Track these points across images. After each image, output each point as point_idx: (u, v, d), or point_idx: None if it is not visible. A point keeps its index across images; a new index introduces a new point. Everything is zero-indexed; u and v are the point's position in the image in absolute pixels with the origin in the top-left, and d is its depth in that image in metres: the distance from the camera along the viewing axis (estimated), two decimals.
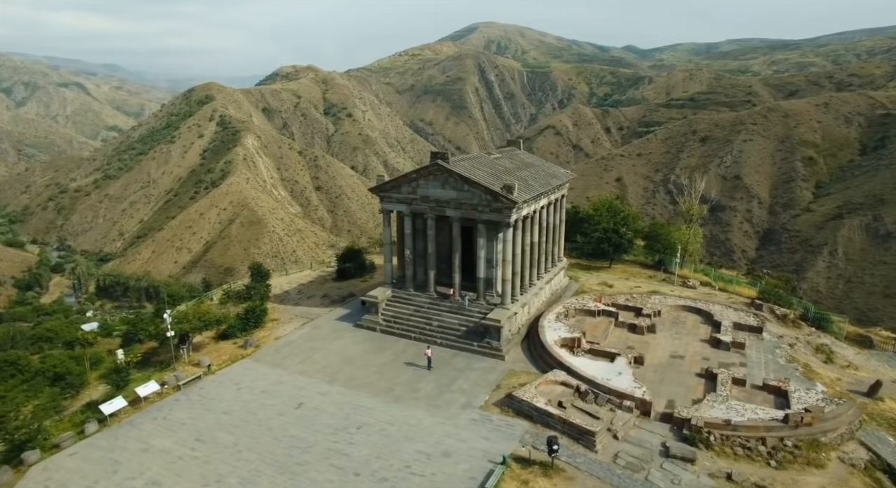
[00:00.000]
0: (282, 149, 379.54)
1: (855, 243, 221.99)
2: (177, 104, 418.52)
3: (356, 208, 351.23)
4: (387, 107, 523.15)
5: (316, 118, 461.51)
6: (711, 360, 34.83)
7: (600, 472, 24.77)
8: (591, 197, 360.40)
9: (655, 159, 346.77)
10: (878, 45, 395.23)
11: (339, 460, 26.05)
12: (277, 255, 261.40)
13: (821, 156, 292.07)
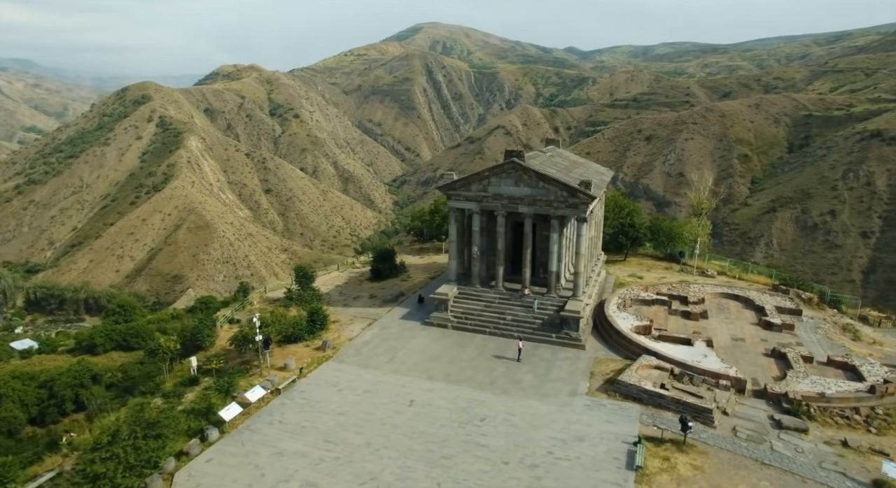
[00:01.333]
0: (228, 152, 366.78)
1: (787, 234, 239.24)
2: (109, 104, 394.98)
3: (308, 211, 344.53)
4: (334, 107, 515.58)
5: (262, 119, 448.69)
6: (769, 341, 37.96)
7: (728, 445, 26.91)
8: None
9: (604, 158, 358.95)
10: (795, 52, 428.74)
11: (480, 451, 26.92)
12: (229, 261, 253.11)
13: (754, 154, 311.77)
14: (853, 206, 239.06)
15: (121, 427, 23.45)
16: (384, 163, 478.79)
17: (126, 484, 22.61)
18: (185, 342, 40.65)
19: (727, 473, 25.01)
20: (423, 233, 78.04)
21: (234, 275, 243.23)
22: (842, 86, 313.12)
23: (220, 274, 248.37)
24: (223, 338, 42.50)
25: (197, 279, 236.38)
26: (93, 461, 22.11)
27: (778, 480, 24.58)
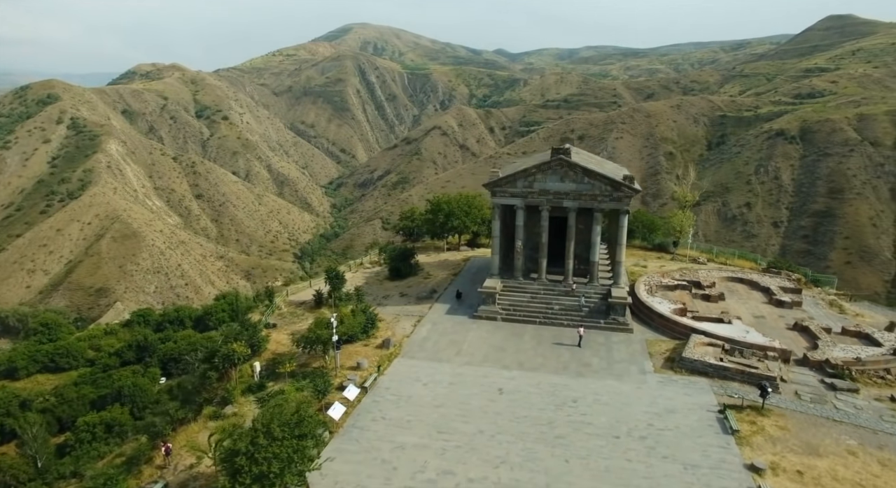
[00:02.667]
0: (153, 156, 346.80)
1: (710, 226, 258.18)
2: (6, 104, 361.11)
3: (243, 216, 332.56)
4: (265, 109, 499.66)
5: (187, 121, 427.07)
6: (786, 317, 42.54)
7: (798, 407, 30.44)
8: (482, 194, 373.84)
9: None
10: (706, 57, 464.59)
11: (588, 429, 28.88)
12: (161, 271, 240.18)
13: (678, 152, 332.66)
14: (765, 199, 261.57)
15: (272, 427, 23.29)
16: (319, 165, 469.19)
17: (292, 482, 22.62)
18: None
19: (810, 431, 28.43)
20: (413, 233, 78.84)
21: (167, 286, 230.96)
22: (749, 89, 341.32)
23: (152, 285, 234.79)
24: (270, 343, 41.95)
25: (125, 291, 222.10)
26: (253, 462, 21.90)
27: (854, 433, 28.28)
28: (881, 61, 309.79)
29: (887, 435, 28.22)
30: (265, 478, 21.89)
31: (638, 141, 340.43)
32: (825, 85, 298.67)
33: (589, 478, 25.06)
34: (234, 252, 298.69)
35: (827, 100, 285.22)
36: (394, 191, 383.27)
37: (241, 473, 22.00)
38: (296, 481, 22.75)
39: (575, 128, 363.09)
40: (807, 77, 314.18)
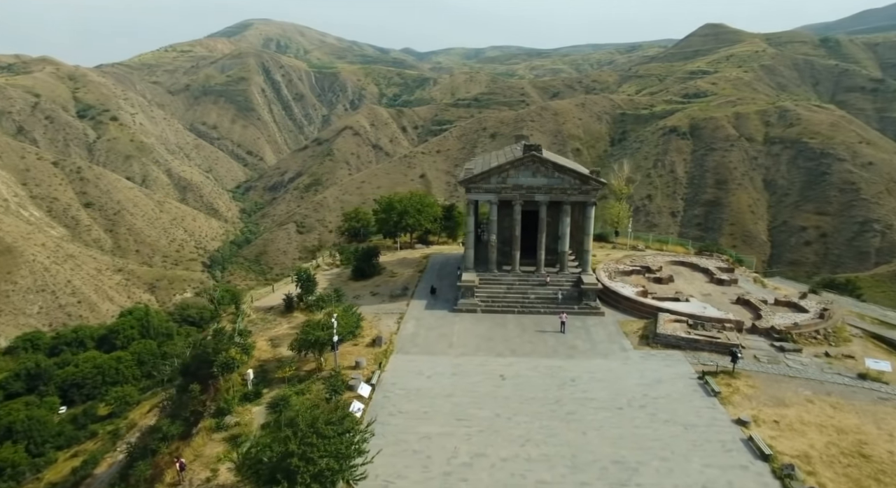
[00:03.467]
0: (26, 160, 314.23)
1: None
2: None
3: (142, 225, 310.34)
4: (159, 109, 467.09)
5: (67, 122, 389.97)
6: (728, 293, 47.99)
7: (760, 368, 34.95)
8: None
9: (453, 155, 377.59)
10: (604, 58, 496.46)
11: (593, 404, 31.44)
12: (46, 289, 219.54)
13: (585, 148, 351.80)
14: (663, 191, 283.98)
15: (317, 425, 23.32)
16: (225, 168, 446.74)
17: (350, 476, 22.93)
18: None
19: (774, 387, 32.84)
20: (359, 233, 78.82)
21: (54, 305, 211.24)
22: (644, 89, 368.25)
23: (35, 305, 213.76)
24: None
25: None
26: (308, 462, 21.90)
27: (807, 385, 33.05)
28: (749, 67, 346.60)
29: (830, 384, 33.29)
30: (322, 476, 22.15)
31: (547, 138, 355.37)
32: (707, 86, 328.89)
33: (608, 446, 27.52)
34: (134, 264, 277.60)
35: (710, 99, 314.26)
36: (307, 193, 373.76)
37: (296, 474, 22.05)
38: (353, 475, 23.16)
39: (487, 127, 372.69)
40: (692, 78, 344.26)
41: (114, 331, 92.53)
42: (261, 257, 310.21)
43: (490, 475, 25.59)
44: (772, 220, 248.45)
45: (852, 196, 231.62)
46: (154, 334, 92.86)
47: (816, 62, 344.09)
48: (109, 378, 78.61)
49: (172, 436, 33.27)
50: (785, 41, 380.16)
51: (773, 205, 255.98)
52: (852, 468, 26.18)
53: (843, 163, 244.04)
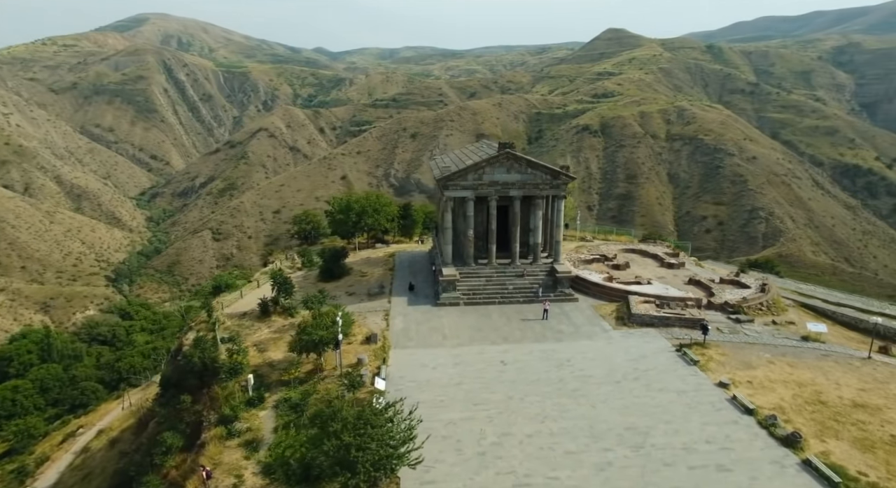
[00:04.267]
0: None
1: None
2: None
3: (28, 238, 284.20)
4: (40, 109, 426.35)
5: None
6: (679, 275, 52.97)
7: (724, 339, 39.37)
8: (320, 196, 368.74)
9: (374, 156, 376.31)
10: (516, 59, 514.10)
11: (593, 380, 34.16)
12: None
13: None
14: (580, 186, 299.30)
15: (366, 416, 23.87)
16: (126, 174, 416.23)
17: (406, 462, 23.77)
18: None
19: (739, 353, 37.25)
20: (310, 235, 77.94)
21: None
22: (556, 89, 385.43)
23: None
24: None
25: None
26: (365, 451, 22.48)
27: (765, 350, 37.79)
28: (649, 69, 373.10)
29: (783, 347, 38.33)
30: (381, 463, 22.95)
31: (467, 137, 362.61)
32: (614, 87, 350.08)
33: (618, 415, 30.25)
34: (20, 282, 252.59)
35: (617, 99, 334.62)
36: (221, 198, 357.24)
37: (355, 464, 22.69)
38: (409, 460, 24.06)
39: (407, 127, 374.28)
40: (600, 79, 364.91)
41: (5, 358, 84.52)
42: (174, 267, 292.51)
43: (521, 450, 27.42)
44: (677, 211, 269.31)
45: (741, 187, 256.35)
46: (59, 357, 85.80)
47: (705, 66, 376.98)
48: (4, 410, 72.24)
49: (175, 449, 32.18)
50: (678, 47, 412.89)
51: (677, 196, 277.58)
52: (816, 413, 30.62)
53: (732, 157, 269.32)
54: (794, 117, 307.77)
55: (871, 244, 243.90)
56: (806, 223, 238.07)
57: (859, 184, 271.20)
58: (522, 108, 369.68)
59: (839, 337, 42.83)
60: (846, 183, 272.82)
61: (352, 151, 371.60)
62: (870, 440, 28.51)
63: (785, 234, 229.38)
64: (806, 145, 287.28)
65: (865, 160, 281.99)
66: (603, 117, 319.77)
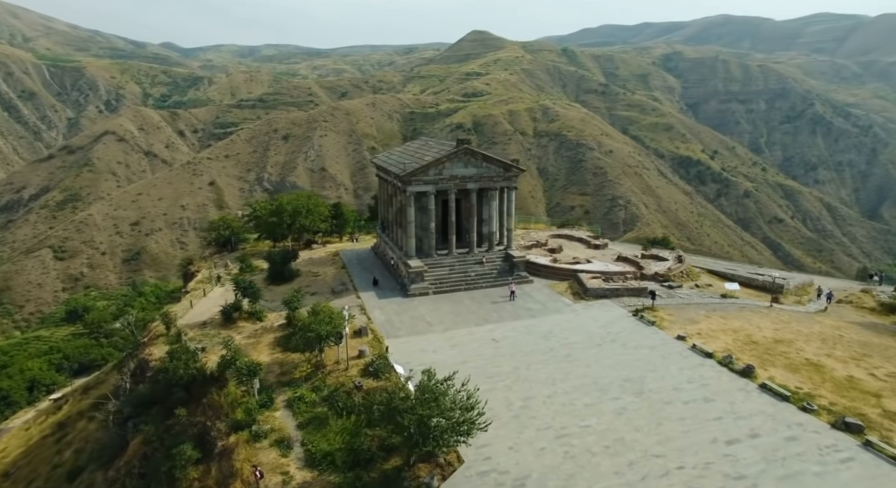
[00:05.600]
0: None
1: None
2: None
3: None
4: None
5: None
6: (607, 254, 60.13)
7: (666, 302, 46.29)
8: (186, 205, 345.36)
9: (245, 159, 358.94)
10: (384, 59, 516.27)
11: (578, 346, 38.68)
12: None
13: (380, 146, 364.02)
14: None
15: (433, 388, 25.53)
16: None
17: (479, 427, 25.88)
18: None
19: (682, 312, 44.26)
20: (228, 241, 74.74)
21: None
22: (427, 88, 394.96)
23: None
24: None
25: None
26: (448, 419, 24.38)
27: (699, 308, 45.27)
28: (513, 70, 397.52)
29: (710, 304, 46.25)
30: (457, 429, 25.08)
31: (342, 138, 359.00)
32: (482, 86, 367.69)
33: (612, 371, 35.00)
34: None
35: (486, 98, 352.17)
36: (61, 211, 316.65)
37: (444, 433, 24.63)
38: (481, 424, 26.29)
39: (278, 128, 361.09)
40: (469, 79, 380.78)
41: None
42: (2, 295, 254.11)
43: (548, 409, 30.93)
44: (548, 203, 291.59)
45: (602, 178, 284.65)
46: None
47: (562, 68, 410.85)
48: None
49: (192, 460, 30.92)
50: (537, 49, 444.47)
51: (547, 189, 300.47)
52: (753, 350, 37.96)
53: (592, 151, 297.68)
54: (638, 115, 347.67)
55: (705, 224, 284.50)
56: (656, 209, 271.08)
57: (692, 174, 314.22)
58: (396, 108, 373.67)
59: (741, 293, 52.17)
60: (682, 172, 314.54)
61: (219, 155, 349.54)
62: (794, 364, 36.24)
63: (641, 219, 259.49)
64: (650, 140, 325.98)
65: (694, 152, 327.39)
66: (475, 116, 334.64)
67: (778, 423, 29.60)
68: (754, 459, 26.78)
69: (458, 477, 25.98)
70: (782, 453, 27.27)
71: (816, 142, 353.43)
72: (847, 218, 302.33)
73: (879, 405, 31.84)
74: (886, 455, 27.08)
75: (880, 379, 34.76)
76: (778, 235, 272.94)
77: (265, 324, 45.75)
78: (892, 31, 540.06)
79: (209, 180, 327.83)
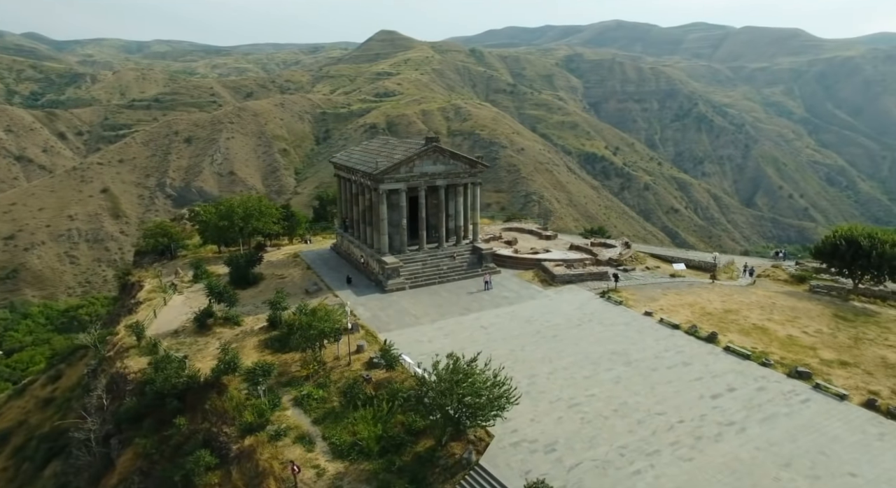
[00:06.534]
0: None
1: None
2: None
3: None
4: None
5: None
6: (559, 244, 64.29)
7: (626, 284, 50.75)
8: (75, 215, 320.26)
9: (143, 164, 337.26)
10: (289, 58, 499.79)
11: (560, 327, 41.77)
12: None
13: (291, 148, 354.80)
14: None
15: (465, 369, 27.04)
16: None
17: (513, 400, 27.67)
18: None
19: (641, 292, 48.86)
20: (168, 250, 71.23)
21: None
22: (338, 88, 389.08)
23: None
24: None
25: None
26: (483, 396, 26.04)
27: (655, 287, 50.16)
28: (424, 70, 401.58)
29: (664, 284, 51.44)
30: (495, 403, 26.90)
31: (251, 140, 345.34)
32: (394, 86, 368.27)
33: (598, 346, 38.38)
34: None
35: (399, 98, 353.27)
36: None
37: (482, 409, 26.36)
38: (515, 398, 28.19)
39: (179, 130, 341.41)
40: (380, 79, 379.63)
41: None
42: None
43: (553, 383, 33.59)
44: None
45: (516, 175, 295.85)
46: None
47: (471, 68, 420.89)
48: None
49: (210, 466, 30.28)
50: (446, 50, 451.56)
51: None
52: (710, 320, 43.04)
53: (505, 149, 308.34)
54: (545, 114, 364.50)
55: (612, 216, 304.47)
56: (567, 203, 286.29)
57: (598, 169, 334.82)
58: (307, 108, 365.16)
59: (685, 273, 58.14)
60: (589, 168, 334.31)
61: (111, 160, 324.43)
62: (745, 329, 41.65)
63: (554, 214, 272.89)
64: (557, 137, 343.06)
65: (599, 149, 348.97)
66: (388, 116, 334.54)
67: (746, 378, 34.27)
68: (737, 408, 31.05)
69: (494, 450, 27.84)
70: (757, 401, 31.79)
71: (702, 139, 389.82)
72: (730, 206, 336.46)
73: (817, 356, 37.65)
74: (832, 393, 32.49)
75: (812, 336, 40.92)
76: (675, 224, 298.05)
77: (244, 328, 44.82)
78: (754, 42, 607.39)
79: (101, 187, 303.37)
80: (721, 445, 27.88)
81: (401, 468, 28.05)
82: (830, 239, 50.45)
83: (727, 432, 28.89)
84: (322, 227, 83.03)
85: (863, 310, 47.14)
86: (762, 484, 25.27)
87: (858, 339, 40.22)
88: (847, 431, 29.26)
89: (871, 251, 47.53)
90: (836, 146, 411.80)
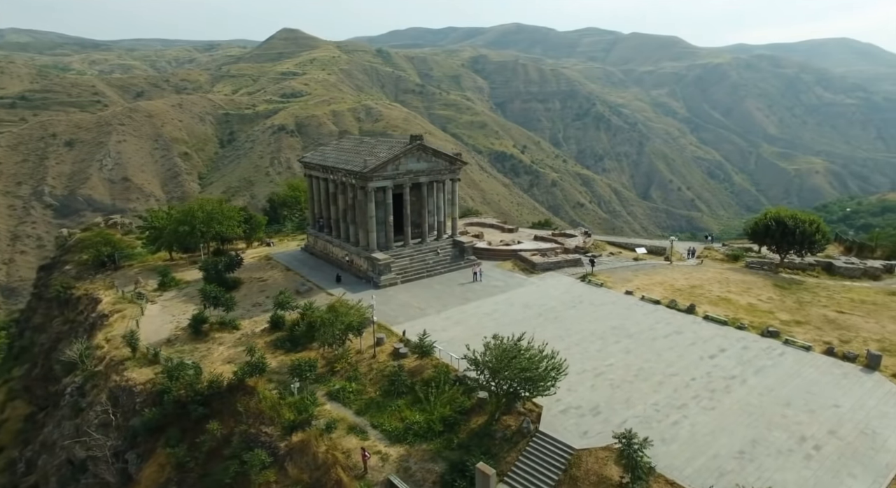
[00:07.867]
0: None
1: None
2: None
3: None
4: None
5: None
6: (523, 236, 68.13)
7: (599, 268, 55.29)
8: None
9: (11, 170, 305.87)
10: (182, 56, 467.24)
11: (558, 310, 45.12)
12: None
13: (193, 152, 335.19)
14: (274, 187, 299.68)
15: (514, 349, 29.15)
16: None
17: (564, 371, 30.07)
18: None
19: (615, 275, 53.62)
20: (113, 259, 66.76)
21: None
22: (241, 88, 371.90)
23: None
24: None
25: None
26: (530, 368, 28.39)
27: (625, 270, 55.21)
28: (331, 70, 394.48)
29: (632, 267, 56.64)
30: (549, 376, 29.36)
31: (146, 143, 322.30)
32: (301, 86, 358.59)
33: (597, 324, 42.17)
34: None
35: (307, 99, 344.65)
36: None
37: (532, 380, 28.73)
38: (565, 369, 30.68)
39: (56, 133, 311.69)
40: (285, 79, 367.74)
41: None
42: None
43: (572, 356, 36.49)
44: None
45: None
46: None
47: (379, 68, 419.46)
48: None
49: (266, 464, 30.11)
50: (352, 50, 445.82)
51: None
52: (682, 295, 48.44)
53: None
54: (455, 114, 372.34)
55: (523, 212, 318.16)
56: (482, 201, 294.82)
57: (507, 167, 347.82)
58: (208, 109, 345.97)
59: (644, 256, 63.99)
60: (499, 166, 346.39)
61: None
62: (713, 301, 47.46)
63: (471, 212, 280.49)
64: (468, 137, 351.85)
65: (507, 148, 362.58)
66: (297, 117, 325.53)
67: (730, 339, 39.55)
68: (733, 364, 35.98)
69: (548, 418, 30.40)
70: (746, 357, 36.98)
71: (601, 136, 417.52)
72: (629, 199, 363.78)
73: (776, 318, 43.99)
74: (799, 346, 38.50)
75: (766, 302, 47.52)
76: (581, 218, 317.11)
77: (244, 331, 43.86)
78: (641, 47, 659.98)
79: None
80: (732, 395, 32.42)
81: (460, 444, 29.77)
82: (762, 220, 58.20)
83: (733, 384, 33.56)
84: (275, 230, 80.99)
85: (791, 280, 55.03)
86: (775, 420, 29.95)
87: (801, 303, 47.35)
88: (820, 374, 35.03)
89: (796, 230, 55.59)
90: (714, 143, 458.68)
